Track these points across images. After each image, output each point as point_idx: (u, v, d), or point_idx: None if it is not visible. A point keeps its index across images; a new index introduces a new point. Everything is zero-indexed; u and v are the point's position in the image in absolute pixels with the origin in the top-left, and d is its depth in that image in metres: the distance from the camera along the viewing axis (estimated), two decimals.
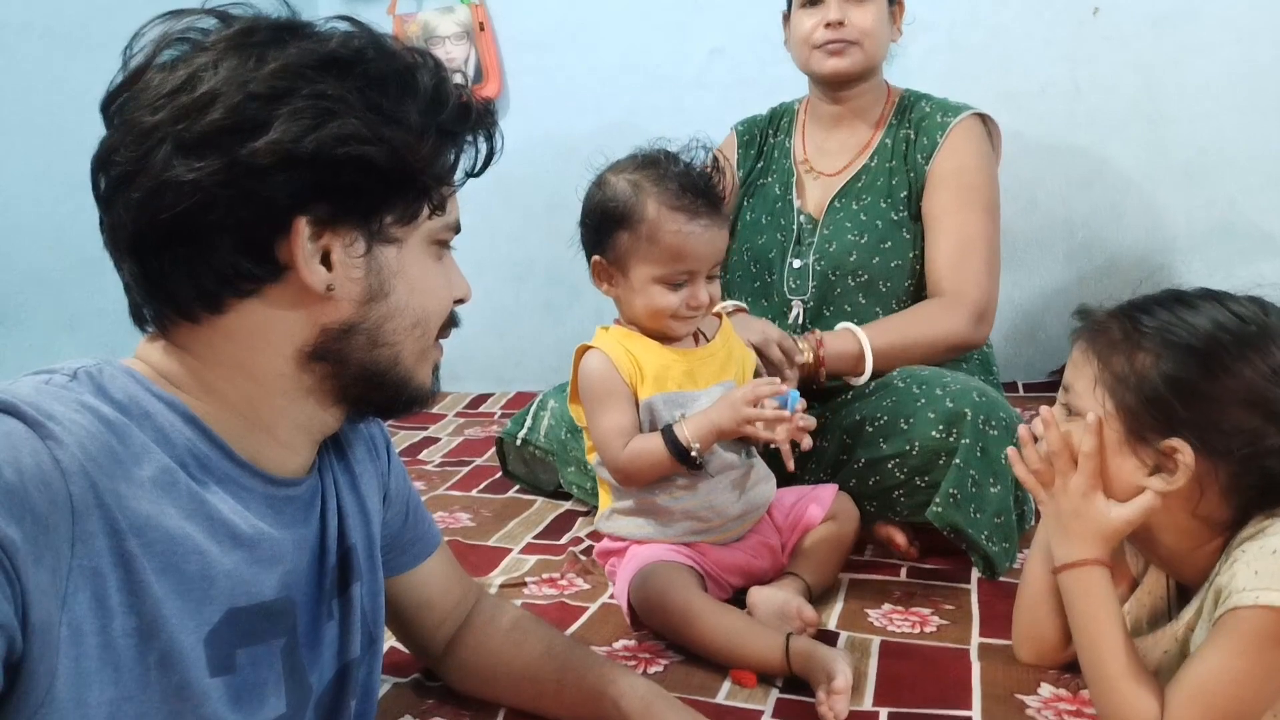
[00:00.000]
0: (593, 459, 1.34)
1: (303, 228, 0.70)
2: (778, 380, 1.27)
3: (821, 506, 1.36)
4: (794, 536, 1.36)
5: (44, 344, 1.90)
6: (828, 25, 1.58)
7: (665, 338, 1.29)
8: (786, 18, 1.70)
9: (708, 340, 1.33)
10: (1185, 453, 0.89)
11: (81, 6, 2.01)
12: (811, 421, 1.22)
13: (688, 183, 1.23)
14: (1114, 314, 0.97)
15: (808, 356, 1.45)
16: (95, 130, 0.71)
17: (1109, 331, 0.95)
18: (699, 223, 1.22)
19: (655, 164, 1.25)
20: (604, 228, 1.26)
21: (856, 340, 1.48)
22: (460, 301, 0.84)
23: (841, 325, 1.52)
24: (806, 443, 1.22)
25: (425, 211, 0.77)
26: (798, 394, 1.25)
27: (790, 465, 1.23)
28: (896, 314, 1.58)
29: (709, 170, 1.25)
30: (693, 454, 1.20)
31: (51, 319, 1.96)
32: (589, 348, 1.29)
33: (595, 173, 1.31)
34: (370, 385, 0.78)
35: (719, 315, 1.36)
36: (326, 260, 0.72)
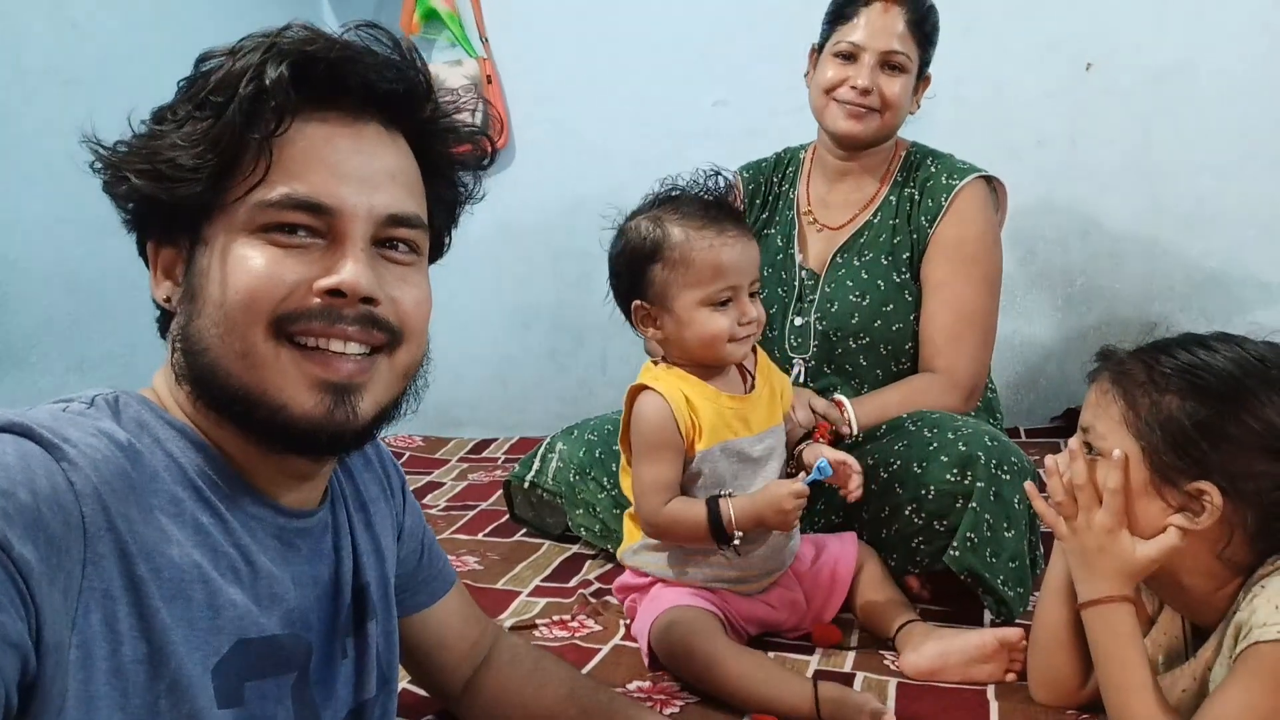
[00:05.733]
0: (627, 490, 1.33)
1: (150, 251, 0.75)
2: (805, 480, 1.24)
3: (848, 563, 1.36)
4: (832, 598, 1.35)
5: (55, 387, 1.90)
6: (854, 87, 1.56)
7: (719, 369, 1.29)
8: (814, 51, 1.66)
9: (753, 379, 1.33)
10: (1213, 495, 0.90)
11: (102, 53, 2.05)
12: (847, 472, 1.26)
13: (707, 202, 1.26)
14: (1136, 356, 0.98)
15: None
16: None
17: (1132, 373, 0.96)
18: (728, 235, 1.24)
19: (670, 198, 1.28)
20: (635, 269, 1.26)
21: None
22: (335, 292, 0.69)
23: (836, 397, 1.52)
24: (855, 494, 1.25)
25: (217, 202, 0.70)
26: (825, 461, 1.25)
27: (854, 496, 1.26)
28: (890, 388, 1.57)
29: (721, 190, 1.28)
30: (734, 540, 1.21)
31: (63, 362, 1.96)
32: (643, 388, 1.27)
33: (610, 227, 1.31)
34: (221, 405, 0.70)
35: (755, 348, 1.36)
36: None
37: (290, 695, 0.75)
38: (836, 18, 1.61)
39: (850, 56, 1.57)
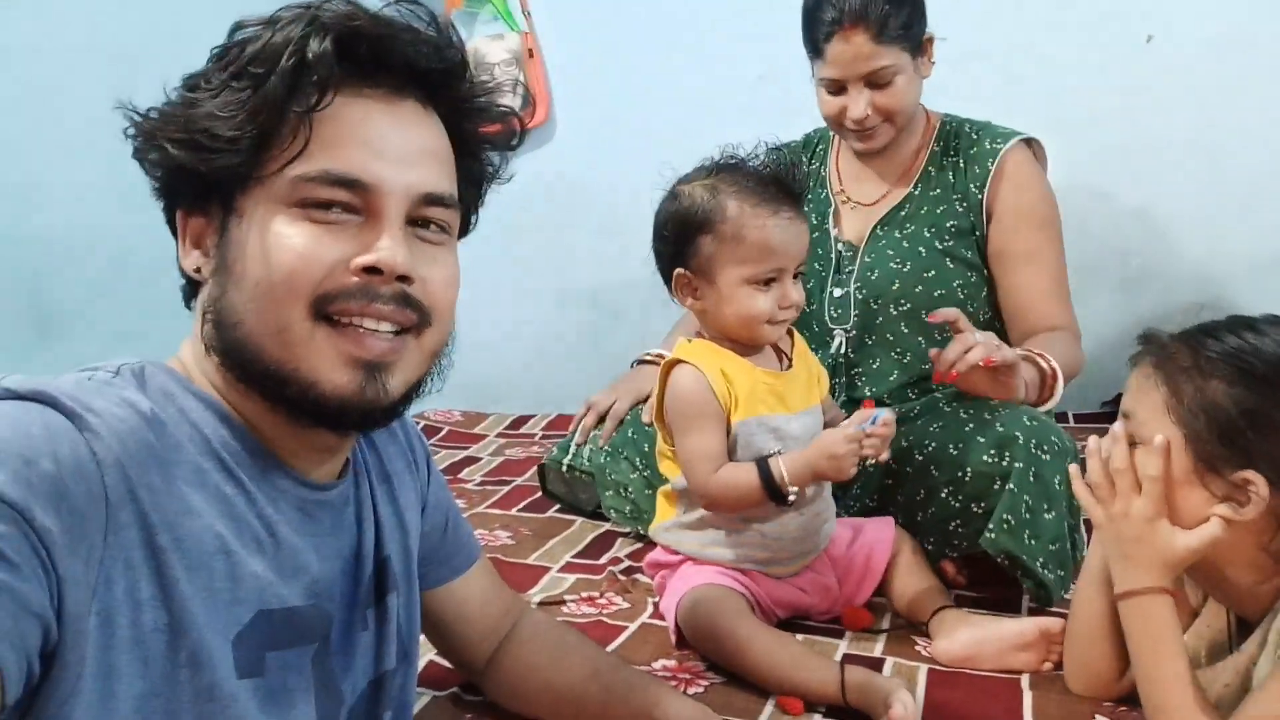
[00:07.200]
0: (665, 469, 1.32)
1: (179, 219, 0.74)
2: (869, 415, 1.19)
3: (884, 548, 1.33)
4: (865, 583, 1.33)
5: (101, 355, 1.93)
6: (852, 118, 1.53)
7: (755, 348, 1.27)
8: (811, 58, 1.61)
9: (789, 361, 1.31)
10: (1260, 486, 0.87)
11: (144, 30, 2.07)
12: (891, 430, 1.18)
13: (766, 177, 1.22)
14: (1181, 339, 0.94)
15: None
16: None
17: (1177, 357, 0.93)
18: (783, 216, 1.20)
19: (728, 167, 1.25)
20: (684, 237, 1.23)
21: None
22: (372, 270, 0.69)
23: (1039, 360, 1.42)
24: (884, 456, 1.19)
25: (253, 173, 0.69)
26: (882, 412, 1.19)
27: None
28: (1046, 341, 1.48)
29: (783, 166, 1.24)
30: (789, 496, 1.19)
31: (109, 330, 2.00)
32: (678, 362, 1.25)
33: (662, 188, 1.28)
34: (251, 378, 0.71)
35: (791, 332, 1.33)
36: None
37: (310, 666, 0.75)
38: (811, 49, 1.57)
39: (837, 89, 1.55)
